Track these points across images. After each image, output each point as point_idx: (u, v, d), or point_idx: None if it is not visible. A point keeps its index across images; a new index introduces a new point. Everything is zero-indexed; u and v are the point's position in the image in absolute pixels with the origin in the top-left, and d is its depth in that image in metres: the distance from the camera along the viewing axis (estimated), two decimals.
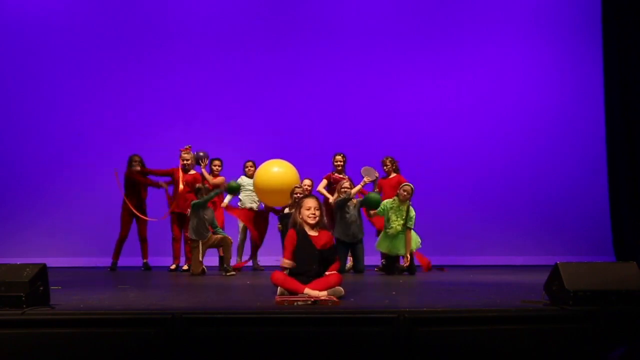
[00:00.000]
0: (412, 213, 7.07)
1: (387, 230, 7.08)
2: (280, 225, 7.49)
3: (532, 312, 3.38)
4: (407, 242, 7.00)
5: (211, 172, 7.95)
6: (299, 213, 4.36)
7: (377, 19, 10.12)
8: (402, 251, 7.04)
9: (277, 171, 7.38)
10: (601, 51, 9.90)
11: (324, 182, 7.87)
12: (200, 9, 9.99)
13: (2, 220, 9.34)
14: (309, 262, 4.25)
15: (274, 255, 7.70)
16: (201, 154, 7.83)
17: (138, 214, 7.78)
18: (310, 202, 4.35)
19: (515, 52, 10.12)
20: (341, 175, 7.88)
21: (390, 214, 7.06)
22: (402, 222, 7.00)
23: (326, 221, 4.52)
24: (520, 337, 3.26)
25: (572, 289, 3.40)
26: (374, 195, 7.19)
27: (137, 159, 7.89)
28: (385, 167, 7.98)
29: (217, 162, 8.02)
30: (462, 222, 9.37)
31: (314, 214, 4.30)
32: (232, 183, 7.70)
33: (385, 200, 7.19)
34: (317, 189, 7.80)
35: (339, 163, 7.92)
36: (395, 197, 7.09)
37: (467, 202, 9.57)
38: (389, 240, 7.09)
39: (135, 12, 9.92)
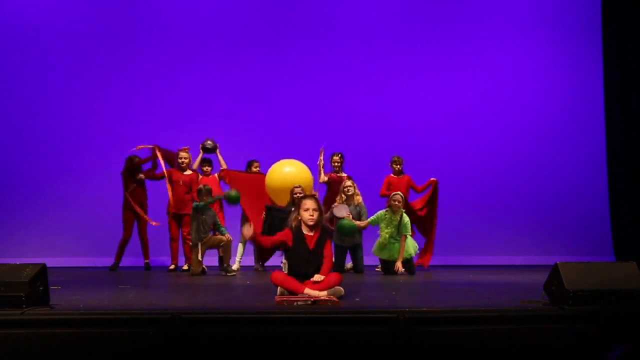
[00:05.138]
0: (406, 220, 7.03)
1: (379, 239, 7.05)
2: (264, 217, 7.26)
3: (532, 312, 3.39)
4: (401, 249, 6.96)
5: (203, 173, 7.93)
6: (298, 213, 4.36)
7: (377, 19, 10.11)
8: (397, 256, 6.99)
9: (290, 171, 7.33)
10: (601, 51, 9.90)
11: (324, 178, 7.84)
12: (200, 10, 9.98)
13: (2, 220, 9.33)
14: (303, 262, 4.26)
15: (275, 255, 7.71)
16: (210, 142, 7.78)
17: (142, 213, 7.74)
18: (309, 204, 4.34)
19: (515, 52, 10.11)
20: (339, 175, 7.88)
21: (382, 223, 7.02)
22: (392, 230, 6.94)
23: (324, 220, 4.52)
24: (520, 337, 3.26)
25: (572, 288, 3.40)
26: (346, 222, 6.74)
27: (136, 159, 7.87)
28: (397, 167, 7.98)
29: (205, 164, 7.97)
30: (462, 222, 9.36)
31: (312, 216, 4.31)
32: (232, 192, 7.17)
33: (380, 211, 7.12)
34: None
35: (336, 163, 7.93)
36: (388, 208, 7.01)
37: (467, 202, 9.56)
38: (385, 247, 7.04)
39: (135, 13, 9.90)
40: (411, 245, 7.08)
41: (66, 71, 9.69)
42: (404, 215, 7.04)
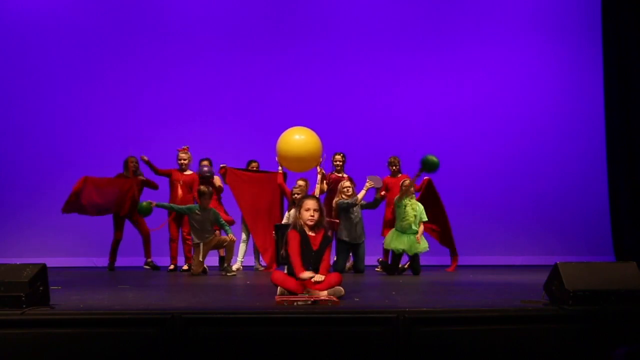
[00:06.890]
0: (421, 206, 7.17)
1: (402, 223, 7.07)
2: (275, 236, 7.17)
3: (532, 312, 3.39)
4: (419, 232, 7.13)
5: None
6: (299, 214, 4.36)
7: (377, 19, 10.10)
8: (421, 248, 7.05)
9: (299, 139, 7.15)
10: (601, 50, 9.89)
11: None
12: (200, 9, 9.98)
13: (2, 220, 9.33)
14: (306, 263, 4.25)
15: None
16: (205, 169, 7.70)
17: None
18: (310, 204, 4.34)
19: (515, 53, 10.10)
20: (340, 175, 7.87)
21: (407, 208, 7.06)
22: (415, 214, 7.05)
23: (326, 221, 4.50)
24: (520, 337, 3.26)
25: (572, 288, 3.40)
26: (432, 158, 6.98)
27: (133, 160, 7.87)
28: (394, 167, 7.99)
29: (205, 163, 7.86)
30: (462, 222, 9.34)
31: (313, 216, 4.30)
32: (143, 203, 7.08)
33: (398, 199, 7.18)
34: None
35: (338, 163, 7.91)
36: (404, 196, 7.09)
37: (467, 201, 9.55)
38: (404, 238, 7.06)
39: (135, 12, 9.90)
40: (423, 243, 7.10)
41: (66, 71, 9.69)
42: (417, 202, 7.15)
